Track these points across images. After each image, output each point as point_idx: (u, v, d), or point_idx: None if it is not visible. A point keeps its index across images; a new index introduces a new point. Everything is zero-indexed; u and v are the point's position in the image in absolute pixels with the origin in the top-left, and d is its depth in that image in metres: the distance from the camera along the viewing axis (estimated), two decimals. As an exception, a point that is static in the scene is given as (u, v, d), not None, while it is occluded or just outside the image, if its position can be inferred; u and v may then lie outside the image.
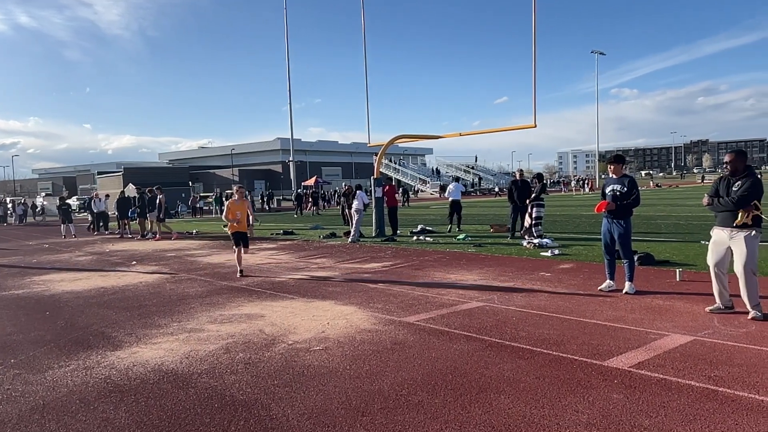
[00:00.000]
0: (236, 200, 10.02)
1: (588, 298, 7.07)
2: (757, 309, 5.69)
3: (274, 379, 4.53)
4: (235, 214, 9.91)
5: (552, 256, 10.90)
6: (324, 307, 7.12)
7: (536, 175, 14.92)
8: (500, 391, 4.06)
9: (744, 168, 5.83)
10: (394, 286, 8.43)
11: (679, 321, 5.79)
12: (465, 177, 69.18)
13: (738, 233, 5.74)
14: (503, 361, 4.74)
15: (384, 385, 4.29)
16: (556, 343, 5.21)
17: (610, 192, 7.36)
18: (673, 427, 3.38)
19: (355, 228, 15.60)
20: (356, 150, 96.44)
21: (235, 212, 9.91)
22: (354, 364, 4.80)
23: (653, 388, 4.02)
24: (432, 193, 63.68)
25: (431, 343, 5.34)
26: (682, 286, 7.57)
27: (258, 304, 7.48)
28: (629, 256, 7.29)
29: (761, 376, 4.16)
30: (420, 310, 6.77)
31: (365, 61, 19.08)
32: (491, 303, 7.01)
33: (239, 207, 9.99)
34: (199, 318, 6.82)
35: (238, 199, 10.04)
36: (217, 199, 39.26)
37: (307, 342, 5.56)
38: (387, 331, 5.83)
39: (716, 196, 5.99)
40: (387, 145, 17.30)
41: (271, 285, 8.96)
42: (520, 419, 3.58)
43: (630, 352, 4.82)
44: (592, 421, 3.51)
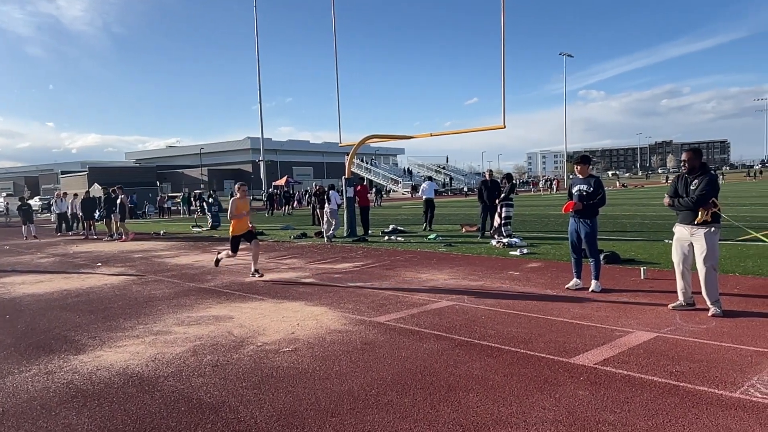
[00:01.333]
0: (239, 199, 9.52)
1: (555, 296, 7.18)
2: (716, 305, 5.86)
3: (243, 381, 4.48)
4: (241, 213, 9.50)
5: (521, 255, 11.04)
6: (294, 308, 7.07)
7: (505, 175, 15.08)
8: (469, 390, 4.09)
9: (700, 166, 6.04)
10: (365, 286, 8.42)
11: (643, 318, 5.92)
12: (436, 177, 69.57)
13: (698, 230, 5.91)
14: (472, 360, 4.78)
15: (354, 385, 4.28)
16: (524, 341, 5.27)
17: (576, 192, 7.48)
18: (636, 422, 3.46)
19: (335, 226, 15.57)
20: (328, 150, 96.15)
21: (241, 211, 9.49)
22: (324, 365, 4.78)
23: (617, 384, 4.10)
24: (404, 193, 63.89)
25: (401, 343, 5.35)
26: (646, 284, 7.74)
27: (226, 306, 7.39)
28: (595, 254, 7.44)
29: (720, 371, 4.28)
30: (390, 309, 6.78)
31: (336, 60, 19.03)
32: (461, 302, 7.06)
33: (243, 205, 9.54)
34: (166, 320, 6.71)
35: (241, 198, 9.56)
36: (185, 199, 38.69)
37: (276, 343, 5.52)
38: (357, 332, 5.82)
39: (676, 195, 6.16)
40: (358, 145, 17.28)
41: (240, 286, 8.86)
42: (488, 417, 3.61)
43: (595, 349, 4.92)
44: (558, 418, 3.56)
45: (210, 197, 24.14)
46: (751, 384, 3.99)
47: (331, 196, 15.78)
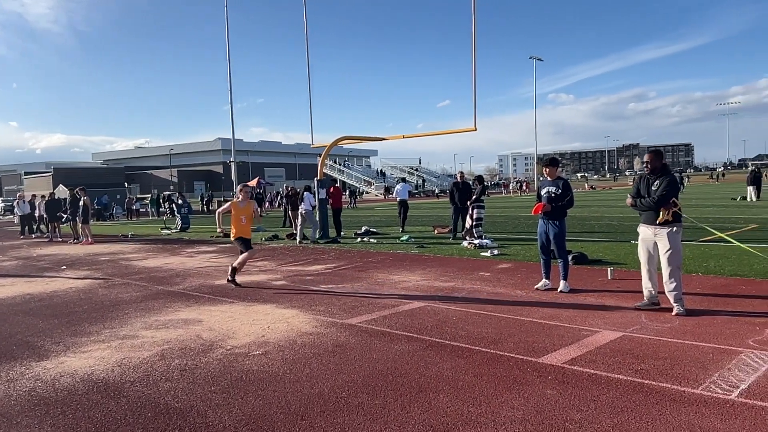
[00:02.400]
0: (240, 202, 8.73)
1: (525, 296, 7.27)
2: (679, 304, 6.01)
3: (211, 385, 4.42)
4: (239, 220, 8.65)
5: (491, 256, 11.15)
6: (264, 311, 7.01)
7: (476, 177, 15.23)
8: (439, 391, 4.11)
9: (661, 166, 6.21)
10: (337, 288, 8.40)
11: (610, 318, 6.04)
12: (409, 178, 69.80)
13: (661, 230, 6.06)
14: (443, 361, 4.80)
15: (324, 388, 4.26)
16: (493, 341, 5.32)
17: (545, 194, 7.59)
18: (602, 420, 3.52)
19: (313, 228, 15.49)
20: (300, 151, 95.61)
21: (240, 217, 8.64)
22: (294, 368, 4.75)
23: (584, 383, 4.17)
24: (377, 195, 63.93)
25: (372, 345, 5.35)
26: (613, 284, 7.90)
27: (196, 309, 7.28)
28: (564, 255, 7.55)
29: (683, 368, 4.39)
30: (362, 311, 6.77)
31: (308, 61, 18.94)
32: (432, 303, 7.10)
33: (244, 211, 8.70)
34: (133, 324, 6.58)
35: (242, 201, 8.74)
36: (153, 200, 38.04)
37: (246, 347, 5.46)
38: (328, 334, 5.80)
39: (638, 196, 6.31)
40: (330, 146, 17.23)
41: (210, 289, 8.74)
42: (458, 418, 3.64)
43: (563, 349, 4.99)
44: (526, 417, 3.60)
45: (179, 199, 23.74)
46: (713, 380, 4.10)
47: (305, 197, 15.71)
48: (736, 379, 4.12)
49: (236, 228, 8.69)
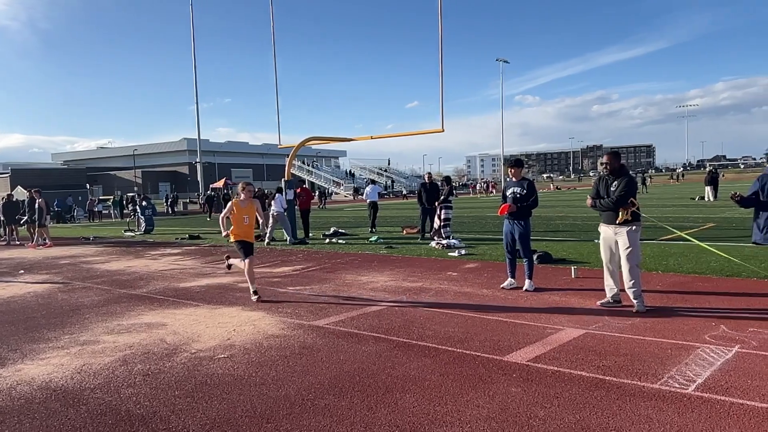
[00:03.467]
0: (242, 201, 7.91)
1: (491, 295, 7.36)
2: (639, 301, 6.17)
3: (175, 389, 4.34)
4: (241, 220, 7.82)
5: (459, 256, 11.24)
6: (230, 314, 6.92)
7: (444, 178, 15.36)
8: (406, 391, 4.13)
9: (619, 167, 6.38)
10: (305, 289, 8.35)
11: (573, 315, 6.16)
12: (378, 179, 69.87)
13: (621, 229, 6.22)
14: (410, 361, 4.82)
15: (290, 390, 4.23)
16: (460, 340, 5.37)
17: (510, 195, 7.70)
18: (565, 416, 3.59)
19: (288, 230, 15.35)
20: (267, 151, 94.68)
21: (242, 217, 7.82)
22: (260, 371, 4.70)
23: (548, 380, 4.24)
24: (346, 196, 63.80)
25: (340, 346, 5.34)
26: (576, 282, 8.06)
27: (160, 313, 7.14)
28: (529, 255, 7.67)
29: (643, 364, 4.51)
30: (330, 313, 6.75)
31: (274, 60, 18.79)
32: (400, 303, 7.12)
33: (247, 210, 7.88)
34: (94, 329, 6.41)
35: (245, 200, 7.93)
36: (116, 202, 37.19)
37: (211, 350, 5.38)
38: (295, 336, 5.76)
39: (598, 196, 6.47)
40: (298, 146, 17.12)
41: (174, 292, 8.58)
42: (424, 417, 3.66)
43: (528, 347, 5.07)
44: (491, 415, 3.65)
45: (143, 200, 23.24)
46: (671, 375, 4.22)
47: (277, 198, 15.59)
48: (693, 373, 4.25)
49: (237, 229, 7.85)
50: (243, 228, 7.86)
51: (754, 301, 6.48)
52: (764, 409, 3.57)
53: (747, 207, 6.69)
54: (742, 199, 6.65)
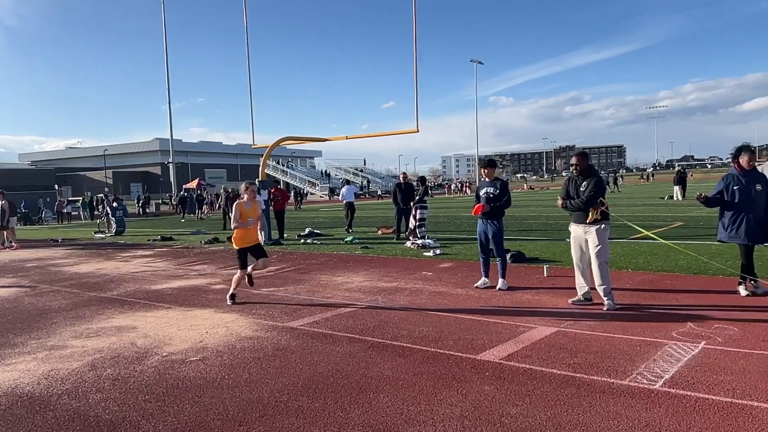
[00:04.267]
0: (246, 202, 7.54)
1: (465, 295, 7.41)
2: (609, 298, 6.28)
3: (146, 394, 4.27)
4: (247, 221, 7.45)
5: (434, 255, 11.30)
6: (203, 316, 6.84)
7: (419, 178, 15.41)
8: (380, 391, 4.13)
9: (588, 168, 6.50)
10: (279, 291, 8.30)
11: (545, 313, 6.24)
12: (354, 179, 69.79)
13: (590, 228, 6.33)
14: (384, 361, 4.83)
15: (264, 392, 4.20)
16: (434, 339, 5.40)
17: (484, 194, 7.77)
18: (537, 413, 3.63)
19: (264, 230, 15.21)
20: (242, 151, 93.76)
21: (247, 220, 7.44)
22: (233, 373, 4.66)
23: (520, 378, 4.29)
24: (321, 196, 63.59)
25: (314, 347, 5.32)
26: (548, 281, 8.16)
27: (130, 316, 7.02)
28: (502, 254, 7.75)
29: (612, 360, 4.59)
30: (304, 314, 6.72)
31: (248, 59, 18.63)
32: (375, 303, 7.12)
33: (251, 212, 7.52)
34: (62, 333, 6.27)
35: (248, 201, 7.57)
36: (86, 203, 36.44)
37: (183, 353, 5.31)
38: (269, 338, 5.72)
39: (568, 197, 6.57)
40: (272, 147, 17.00)
41: (145, 294, 8.44)
42: (398, 416, 3.66)
43: (501, 345, 5.12)
44: (464, 414, 3.67)
45: (114, 201, 22.81)
46: (639, 372, 4.30)
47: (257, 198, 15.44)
48: (661, 369, 4.34)
49: (242, 233, 7.43)
50: (248, 231, 7.48)
51: (720, 298, 6.64)
52: (728, 403, 3.67)
53: (712, 206, 6.87)
54: (707, 200, 6.83)
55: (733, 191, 6.57)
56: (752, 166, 6.65)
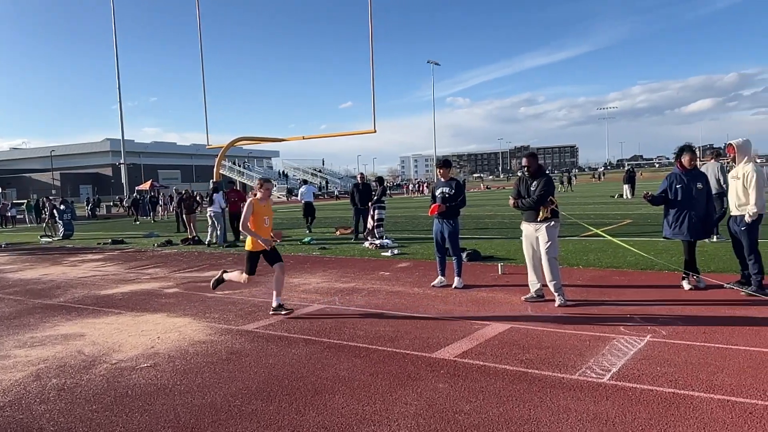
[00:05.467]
0: (261, 200, 6.82)
1: (422, 294, 7.47)
2: (560, 294, 6.45)
3: (93, 403, 4.13)
4: (261, 222, 6.70)
5: (392, 255, 11.34)
6: (155, 321, 6.67)
7: (377, 178, 15.46)
8: (335, 392, 4.12)
9: (537, 168, 6.66)
10: (234, 293, 8.17)
11: (499, 310, 6.35)
12: (312, 180, 69.35)
13: (541, 226, 6.49)
14: (340, 362, 4.82)
15: (217, 397, 4.13)
16: (390, 339, 5.42)
17: (439, 194, 7.85)
18: (489, 410, 3.70)
19: (220, 231, 14.91)
20: (197, 152, 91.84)
21: (263, 219, 6.71)
22: (185, 379, 4.56)
23: (474, 374, 4.35)
24: (279, 197, 62.92)
25: (269, 350, 5.26)
26: (503, 278, 8.31)
27: (78, 323, 6.78)
28: (458, 253, 7.85)
29: (563, 355, 4.71)
30: (260, 316, 6.64)
31: (201, 58, 18.29)
32: (332, 304, 7.10)
33: (266, 210, 6.81)
34: (4, 343, 6.00)
35: (263, 199, 6.85)
36: (31, 206, 35.00)
37: (133, 360, 5.17)
38: (223, 341, 5.63)
39: (519, 196, 6.71)
40: (227, 147, 16.75)
41: (94, 300, 8.17)
42: (353, 417, 3.66)
43: (456, 343, 5.18)
44: (419, 412, 3.70)
45: (62, 203, 21.98)
46: (588, 366, 4.43)
47: (215, 199, 15.18)
48: (609, 363, 4.48)
49: (257, 232, 6.72)
50: (263, 230, 6.74)
51: (665, 292, 6.90)
52: (670, 394, 3.81)
53: (657, 205, 7.13)
54: (653, 198, 7.10)
55: (676, 190, 6.83)
56: (693, 166, 6.94)
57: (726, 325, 5.38)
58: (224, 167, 67.53)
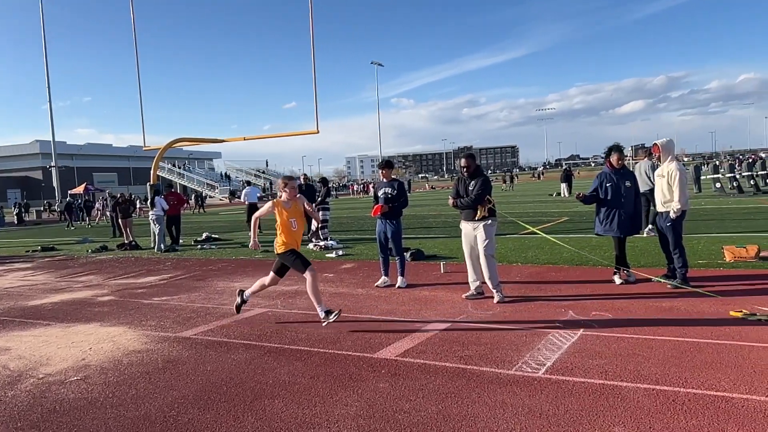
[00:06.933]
0: (286, 202, 6.13)
1: (365, 294, 7.49)
2: (498, 290, 6.60)
3: (18, 421, 3.92)
4: (289, 225, 6.06)
5: (336, 257, 11.30)
6: (87, 331, 6.39)
7: (321, 179, 15.38)
8: (275, 396, 4.07)
9: (475, 168, 6.81)
10: (172, 299, 7.94)
11: (441, 309, 6.44)
12: (256, 181, 68.19)
13: (479, 224, 6.63)
14: (280, 366, 4.76)
15: (151, 408, 3.99)
16: (332, 341, 5.40)
17: (382, 195, 7.89)
18: (429, 407, 3.74)
19: (159, 238, 14.39)
20: (134, 154, 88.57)
21: (289, 222, 6.05)
22: (118, 391, 4.39)
23: (415, 373, 4.40)
24: (221, 199, 61.62)
25: (207, 357, 5.14)
26: (445, 277, 8.44)
27: (2, 337, 6.41)
28: (401, 252, 7.90)
29: (501, 351, 4.82)
30: (199, 323, 6.48)
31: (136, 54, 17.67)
32: (274, 308, 7.01)
33: (293, 212, 6.12)
34: None
35: (288, 202, 6.14)
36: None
37: (62, 373, 4.93)
38: (159, 350, 5.45)
39: (458, 196, 6.84)
40: (164, 148, 16.26)
41: (21, 312, 7.75)
42: (292, 421, 3.63)
43: (398, 342, 5.22)
44: (359, 413, 3.71)
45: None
46: (524, 361, 4.55)
47: (157, 202, 14.67)
48: (544, 357, 4.62)
49: (286, 237, 6.11)
50: (292, 235, 6.14)
51: (597, 287, 7.18)
52: (600, 385, 3.97)
53: (589, 203, 7.41)
54: (585, 198, 7.37)
55: (606, 188, 7.12)
56: (621, 165, 7.25)
57: (653, 317, 5.65)
58: (163, 169, 65.54)
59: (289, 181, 6.25)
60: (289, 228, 6.08)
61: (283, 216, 6.06)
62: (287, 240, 6.12)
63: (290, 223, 6.06)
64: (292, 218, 6.07)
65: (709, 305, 5.93)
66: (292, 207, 6.14)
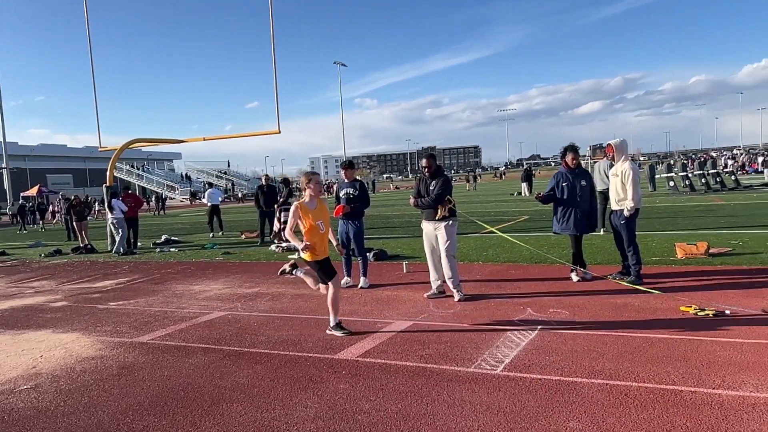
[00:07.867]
0: (310, 203, 5.56)
1: (327, 296, 7.44)
2: (458, 290, 6.67)
3: (-39, 432, 3.77)
4: (315, 229, 5.46)
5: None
6: (38, 338, 6.18)
7: (283, 180, 15.25)
8: (233, 400, 4.02)
9: (436, 168, 6.87)
10: (129, 304, 7.74)
11: (403, 308, 6.47)
12: (218, 182, 67.14)
13: (440, 224, 6.69)
14: (240, 369, 4.70)
15: (104, 416, 3.89)
16: (293, 343, 5.36)
17: (344, 195, 7.88)
18: (389, 406, 3.75)
19: (120, 241, 13.98)
20: (90, 155, 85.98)
21: (316, 225, 5.46)
22: (70, 399, 4.26)
23: (375, 373, 4.40)
24: (182, 200, 60.45)
25: (164, 362, 5.03)
26: (407, 276, 8.47)
27: (-54, 344, 6.14)
28: (363, 253, 7.91)
29: (460, 349, 4.87)
30: (156, 327, 6.34)
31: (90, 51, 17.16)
32: (234, 311, 6.91)
33: (319, 213, 5.53)
34: None
35: (312, 201, 5.58)
36: None
37: (11, 382, 4.75)
38: (114, 356, 5.31)
39: (419, 196, 6.89)
40: (121, 149, 15.85)
41: (-33, 318, 7.44)
42: (251, 425, 3.59)
43: (359, 343, 5.22)
44: (319, 414, 3.69)
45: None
46: (483, 358, 4.61)
47: (114, 204, 14.26)
48: (502, 355, 4.68)
49: (314, 243, 5.48)
50: (322, 240, 5.55)
51: (555, 284, 7.33)
52: (557, 381, 4.05)
53: (547, 203, 7.56)
54: (543, 198, 7.51)
55: (562, 188, 7.28)
56: (577, 164, 7.42)
57: (608, 313, 5.80)
58: (121, 171, 63.86)
59: (313, 176, 5.60)
60: (316, 231, 5.47)
61: (309, 219, 5.44)
62: (315, 247, 5.46)
63: (318, 227, 5.47)
64: (319, 220, 5.48)
65: (660, 302, 6.12)
66: (318, 207, 5.55)
